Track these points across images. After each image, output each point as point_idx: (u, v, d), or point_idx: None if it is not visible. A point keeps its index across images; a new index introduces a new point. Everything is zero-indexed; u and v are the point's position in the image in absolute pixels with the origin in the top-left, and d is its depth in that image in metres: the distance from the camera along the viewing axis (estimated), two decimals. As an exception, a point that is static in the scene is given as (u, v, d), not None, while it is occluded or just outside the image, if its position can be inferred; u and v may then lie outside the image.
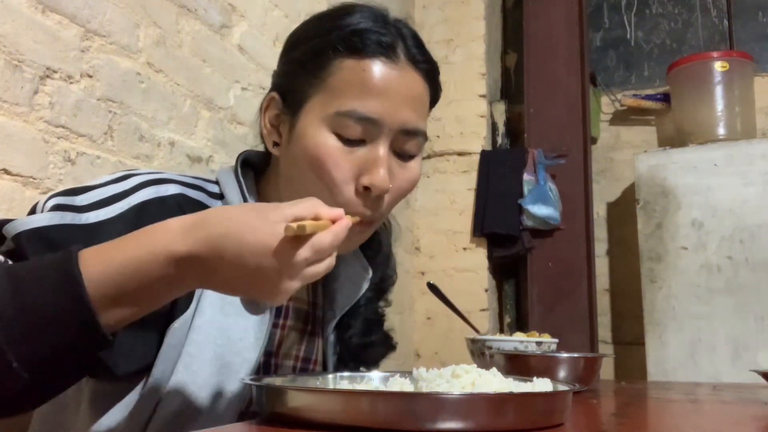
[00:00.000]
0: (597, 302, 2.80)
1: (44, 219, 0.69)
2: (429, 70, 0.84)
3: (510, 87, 3.24)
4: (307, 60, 0.81)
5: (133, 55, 1.25)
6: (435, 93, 0.87)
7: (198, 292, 0.77)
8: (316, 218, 0.61)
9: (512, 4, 3.31)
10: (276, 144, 0.85)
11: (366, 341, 0.95)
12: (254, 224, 0.58)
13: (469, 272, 2.85)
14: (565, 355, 1.08)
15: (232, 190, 0.84)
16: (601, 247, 3.10)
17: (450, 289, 1.40)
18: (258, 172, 0.90)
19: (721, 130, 2.72)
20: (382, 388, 0.71)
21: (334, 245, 0.61)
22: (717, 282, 2.48)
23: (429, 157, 3.00)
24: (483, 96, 2.96)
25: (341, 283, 0.93)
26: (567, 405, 0.64)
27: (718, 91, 2.75)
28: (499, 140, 3.04)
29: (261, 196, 0.88)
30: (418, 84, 0.82)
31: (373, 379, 0.77)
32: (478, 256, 2.86)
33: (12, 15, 0.97)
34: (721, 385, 1.54)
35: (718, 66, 2.75)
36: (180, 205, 0.78)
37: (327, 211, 0.62)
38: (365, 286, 0.93)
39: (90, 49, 1.12)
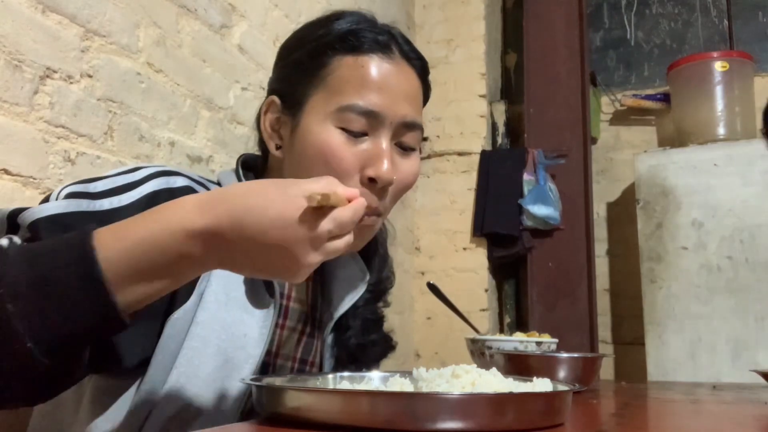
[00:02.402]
0: (597, 302, 2.80)
1: (60, 206, 0.69)
2: (421, 67, 0.88)
3: (510, 87, 3.24)
4: (305, 61, 0.84)
5: (133, 55, 1.25)
6: (426, 91, 0.91)
7: (201, 286, 0.77)
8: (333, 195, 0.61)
9: (512, 4, 3.31)
10: (278, 147, 0.86)
11: (365, 341, 0.96)
12: (275, 197, 0.58)
13: (469, 272, 2.85)
14: (565, 355, 1.08)
15: None
16: (601, 247, 3.10)
17: (450, 289, 1.40)
18: (257, 174, 0.91)
19: (721, 130, 2.72)
20: (382, 388, 0.71)
21: (354, 220, 0.61)
22: (717, 282, 2.48)
23: (429, 157, 3.00)
24: (483, 96, 2.96)
25: (339, 285, 0.94)
26: (567, 405, 0.64)
27: (718, 91, 2.75)
28: (499, 140, 3.04)
29: None
30: (413, 79, 0.86)
31: (373, 379, 0.77)
32: (478, 256, 2.86)
33: (12, 15, 0.97)
34: (721, 385, 1.54)
35: (718, 66, 2.75)
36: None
37: (343, 190, 0.62)
38: (363, 288, 0.94)
39: (90, 49, 1.12)
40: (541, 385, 0.69)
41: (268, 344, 0.82)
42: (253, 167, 0.92)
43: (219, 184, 0.87)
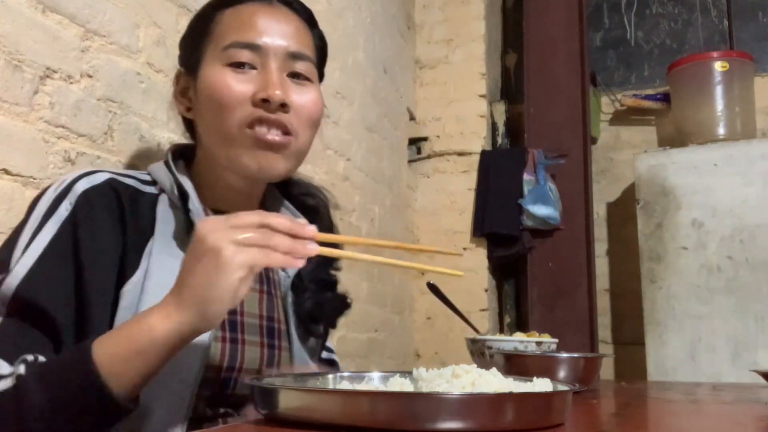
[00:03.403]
0: (597, 302, 2.80)
1: (28, 261, 0.74)
2: (305, 12, 0.95)
3: (510, 87, 3.24)
4: (196, 27, 0.92)
5: (133, 55, 1.25)
6: (318, 37, 0.96)
7: (147, 251, 0.81)
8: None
9: (512, 4, 3.31)
10: (189, 109, 0.93)
11: (320, 300, 0.99)
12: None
13: (469, 272, 2.85)
14: (565, 355, 1.08)
15: (162, 175, 0.89)
16: (601, 247, 3.10)
17: (450, 289, 1.40)
18: (188, 161, 0.95)
19: (721, 130, 2.72)
20: (382, 388, 0.72)
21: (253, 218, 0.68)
22: (717, 282, 2.48)
23: (429, 157, 2.99)
24: (483, 96, 2.96)
25: None
26: (567, 405, 0.64)
27: (718, 91, 2.75)
28: (499, 140, 3.04)
29: (193, 174, 0.93)
30: (294, 19, 0.92)
31: (373, 379, 0.77)
32: (478, 256, 2.86)
33: (12, 15, 0.97)
34: (721, 385, 1.54)
35: (718, 66, 2.75)
36: (114, 188, 0.83)
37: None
38: None
39: (90, 49, 1.12)
40: (541, 385, 0.69)
41: None
42: (184, 155, 0.95)
43: (149, 175, 0.90)
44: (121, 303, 0.78)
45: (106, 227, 0.80)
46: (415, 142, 2.99)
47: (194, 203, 0.85)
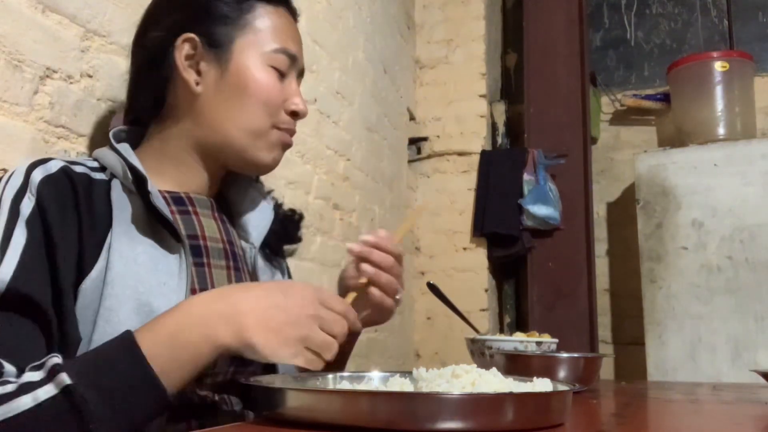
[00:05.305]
0: (597, 302, 2.80)
1: (12, 258, 0.71)
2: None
3: (510, 87, 3.24)
4: (229, 7, 0.93)
5: (133, 55, 1.25)
6: None
7: (106, 244, 0.79)
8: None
9: (512, 4, 3.31)
10: (197, 83, 0.92)
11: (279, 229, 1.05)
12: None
13: (469, 272, 2.85)
14: (565, 355, 1.08)
15: (112, 159, 0.87)
16: (601, 247, 3.10)
17: (450, 289, 1.40)
18: (133, 143, 0.93)
19: (721, 130, 2.72)
20: (382, 388, 0.72)
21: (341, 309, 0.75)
22: (717, 282, 2.48)
23: (429, 157, 3.00)
24: (483, 96, 2.96)
25: (245, 211, 1.00)
26: (567, 405, 0.64)
27: (718, 91, 2.75)
28: (499, 140, 3.04)
29: (142, 156, 0.90)
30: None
31: (373, 379, 0.77)
32: (478, 256, 2.86)
33: (12, 15, 0.97)
34: (721, 385, 1.54)
35: (718, 66, 2.75)
36: (69, 176, 0.81)
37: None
38: (268, 207, 1.02)
39: (90, 49, 1.12)
40: (541, 385, 0.69)
41: (199, 284, 0.86)
42: (126, 139, 0.92)
43: (97, 161, 0.88)
44: (80, 300, 0.76)
45: (67, 217, 0.79)
46: (415, 142, 2.99)
47: (152, 186, 0.84)
